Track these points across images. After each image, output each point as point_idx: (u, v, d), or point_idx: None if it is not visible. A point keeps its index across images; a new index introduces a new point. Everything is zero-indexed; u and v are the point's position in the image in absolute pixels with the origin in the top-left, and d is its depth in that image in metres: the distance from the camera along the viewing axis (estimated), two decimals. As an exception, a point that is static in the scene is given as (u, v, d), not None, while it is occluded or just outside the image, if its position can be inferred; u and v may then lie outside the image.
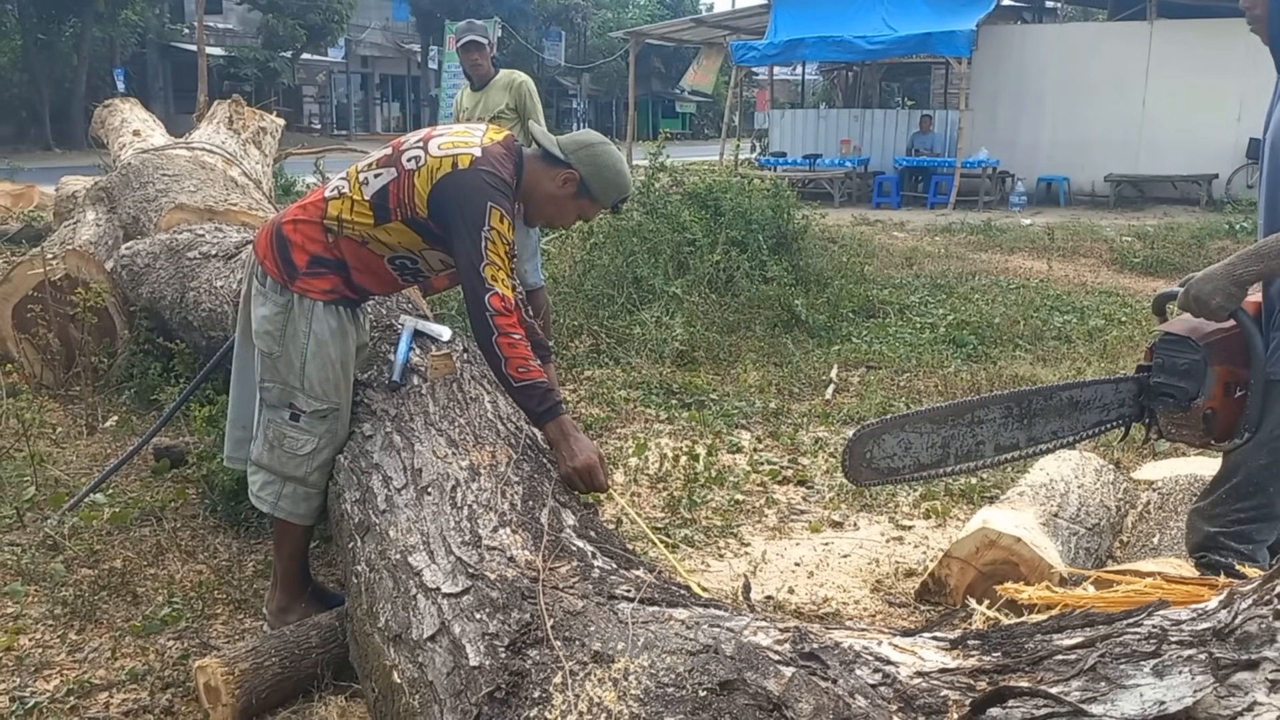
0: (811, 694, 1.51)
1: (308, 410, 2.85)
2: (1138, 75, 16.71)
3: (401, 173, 2.78)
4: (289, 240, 2.86)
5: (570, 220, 3.08)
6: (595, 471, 2.65)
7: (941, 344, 6.95)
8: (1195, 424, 2.52)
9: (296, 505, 2.93)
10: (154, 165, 6.29)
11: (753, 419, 5.40)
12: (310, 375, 2.83)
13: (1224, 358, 2.47)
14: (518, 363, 2.66)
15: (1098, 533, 3.54)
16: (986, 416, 2.55)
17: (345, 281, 2.87)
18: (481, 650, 1.98)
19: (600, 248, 7.87)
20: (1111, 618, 1.36)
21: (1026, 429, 2.59)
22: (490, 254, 2.66)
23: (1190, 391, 2.51)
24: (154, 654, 2.98)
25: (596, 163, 2.88)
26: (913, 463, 2.52)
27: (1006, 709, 1.31)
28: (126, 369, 5.32)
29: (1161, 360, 2.59)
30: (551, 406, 2.69)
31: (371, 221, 2.81)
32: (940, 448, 2.53)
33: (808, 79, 27.63)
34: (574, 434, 2.69)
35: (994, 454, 2.59)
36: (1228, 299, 2.37)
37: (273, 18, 32.79)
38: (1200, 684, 1.17)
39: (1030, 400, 2.60)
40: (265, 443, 2.91)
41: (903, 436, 2.51)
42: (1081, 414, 2.65)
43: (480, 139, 2.83)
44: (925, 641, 1.55)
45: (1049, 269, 10.20)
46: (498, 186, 2.72)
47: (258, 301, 2.90)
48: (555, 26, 47.44)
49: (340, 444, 2.91)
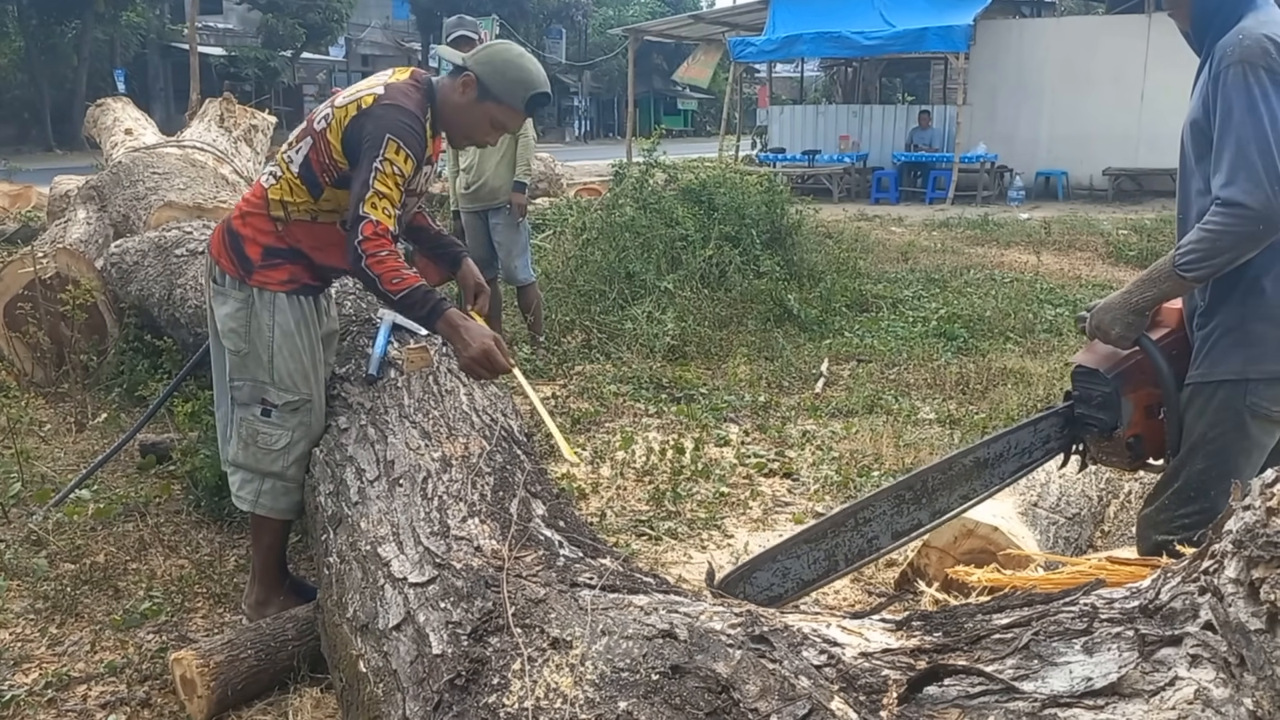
0: (758, 675, 1.52)
1: (279, 404, 2.86)
2: (1136, 69, 16.68)
3: (316, 137, 2.77)
4: (240, 235, 2.86)
5: (486, 131, 2.90)
6: (493, 355, 2.64)
7: (933, 337, 6.96)
8: (1121, 451, 2.49)
9: (277, 501, 2.95)
10: (144, 163, 6.31)
11: (741, 413, 5.41)
12: (279, 368, 2.84)
13: (1138, 384, 2.44)
14: (390, 276, 2.61)
15: (1078, 522, 3.55)
16: (874, 514, 2.38)
17: (306, 268, 2.87)
18: (444, 638, 2.00)
19: (593, 243, 7.89)
20: (1050, 597, 1.37)
21: (928, 506, 2.44)
22: (377, 184, 2.62)
23: (1109, 422, 2.47)
24: (133, 647, 3.00)
25: (493, 60, 2.79)
26: (795, 584, 2.34)
27: (942, 687, 1.32)
28: (116, 366, 5.34)
29: (1080, 392, 2.55)
30: (435, 305, 2.65)
31: (309, 196, 2.81)
32: (825, 560, 2.35)
33: (808, 75, 27.62)
34: (464, 324, 2.67)
35: (892, 540, 2.43)
36: (1127, 328, 2.36)
37: (272, 17, 32.86)
38: (1125, 660, 1.18)
39: (925, 480, 2.44)
40: (240, 441, 2.92)
41: (776, 567, 2.33)
42: (995, 468, 2.54)
43: (385, 80, 2.80)
44: (872, 623, 1.56)
45: (1039, 262, 10.19)
46: (400, 119, 2.67)
47: (218, 301, 2.89)
48: (556, 24, 47.49)
49: (315, 436, 2.92)
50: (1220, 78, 2.17)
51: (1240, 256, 2.20)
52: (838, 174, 17.92)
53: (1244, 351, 2.27)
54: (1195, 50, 2.38)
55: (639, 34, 24.06)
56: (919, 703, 1.33)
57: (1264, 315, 2.26)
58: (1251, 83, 2.12)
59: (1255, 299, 2.26)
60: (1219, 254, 2.18)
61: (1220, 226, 2.17)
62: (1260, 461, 2.33)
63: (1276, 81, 2.13)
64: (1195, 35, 2.36)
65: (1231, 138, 2.15)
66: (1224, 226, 2.16)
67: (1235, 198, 2.13)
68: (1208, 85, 2.23)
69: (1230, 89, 2.15)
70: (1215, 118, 2.20)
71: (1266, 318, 2.26)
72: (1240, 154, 2.13)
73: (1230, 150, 2.15)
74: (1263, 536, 1.04)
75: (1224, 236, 2.16)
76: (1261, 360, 2.26)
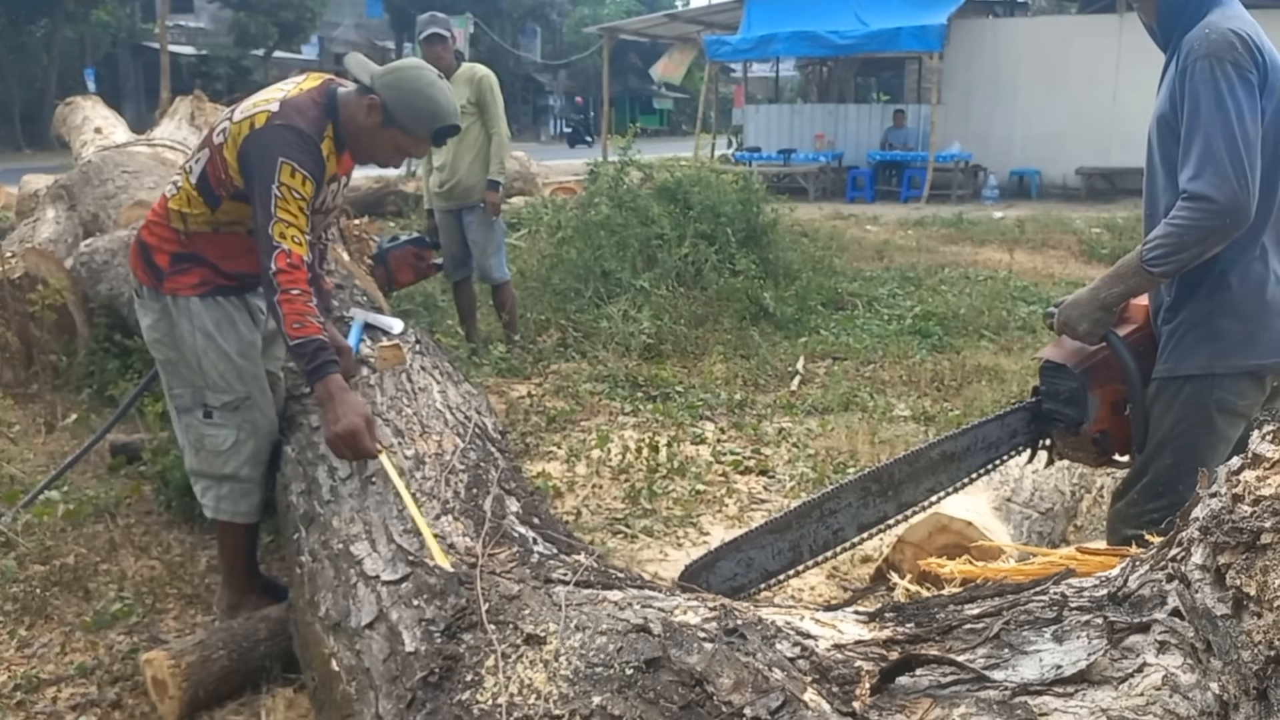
0: (732, 668, 1.53)
1: (218, 405, 2.83)
2: (1108, 68, 16.79)
3: (213, 150, 2.71)
4: (148, 245, 2.82)
5: (390, 155, 2.86)
6: (360, 436, 2.49)
7: (907, 335, 6.98)
8: (1088, 447, 2.49)
9: (236, 504, 2.92)
10: (114, 162, 6.25)
11: (717, 410, 5.42)
12: (209, 371, 2.80)
13: (1104, 379, 2.43)
14: (293, 318, 2.54)
15: (1051, 517, 3.57)
16: (840, 505, 2.37)
17: (215, 272, 2.80)
18: (418, 636, 1.99)
19: (568, 242, 7.87)
20: (1020, 587, 1.38)
21: (894, 499, 2.43)
22: (279, 211, 2.56)
23: (1075, 417, 2.47)
24: (103, 649, 2.97)
25: (400, 86, 2.71)
26: (759, 574, 2.32)
27: (914, 677, 1.32)
28: (86, 366, 5.29)
29: (1047, 387, 2.54)
30: (320, 365, 2.54)
31: (206, 208, 2.75)
32: (789, 551, 2.34)
33: (783, 74, 27.67)
34: (341, 395, 2.53)
35: (858, 533, 2.43)
36: (1094, 324, 2.36)
37: (244, 15, 32.60)
38: (1095, 647, 1.19)
39: (892, 473, 2.44)
40: (190, 448, 2.91)
41: (740, 557, 2.30)
42: (962, 462, 2.53)
43: (285, 93, 2.73)
44: (846, 615, 1.57)
45: (1013, 260, 10.25)
46: (291, 140, 2.60)
47: (140, 313, 2.87)
48: (531, 23, 47.41)
49: (266, 434, 2.90)
50: (1187, 72, 2.18)
51: (1207, 251, 2.20)
52: (813, 173, 17.96)
53: (1210, 346, 2.28)
54: (1160, 45, 2.39)
55: (614, 33, 24.05)
56: (891, 693, 1.34)
57: (1230, 310, 2.27)
58: (1218, 77, 2.13)
59: (1221, 294, 2.27)
60: (1186, 248, 2.19)
61: (1187, 221, 2.17)
62: (1226, 454, 2.34)
63: (1243, 76, 2.14)
64: (1161, 30, 2.36)
65: (1199, 132, 2.15)
66: (1191, 220, 2.16)
67: (1202, 191, 2.13)
68: (1175, 80, 2.24)
69: (1197, 83, 2.15)
70: (1182, 113, 2.20)
71: (1232, 312, 2.27)
72: (1207, 148, 2.13)
73: (1197, 144, 2.15)
74: (1228, 523, 1.05)
75: (1191, 231, 2.17)
76: (1227, 355, 2.28)
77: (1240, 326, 2.27)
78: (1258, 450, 1.07)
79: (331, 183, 2.81)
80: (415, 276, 5.84)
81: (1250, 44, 2.16)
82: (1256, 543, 1.02)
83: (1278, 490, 1.02)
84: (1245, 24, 2.21)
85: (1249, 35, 2.17)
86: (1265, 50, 2.20)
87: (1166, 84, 2.30)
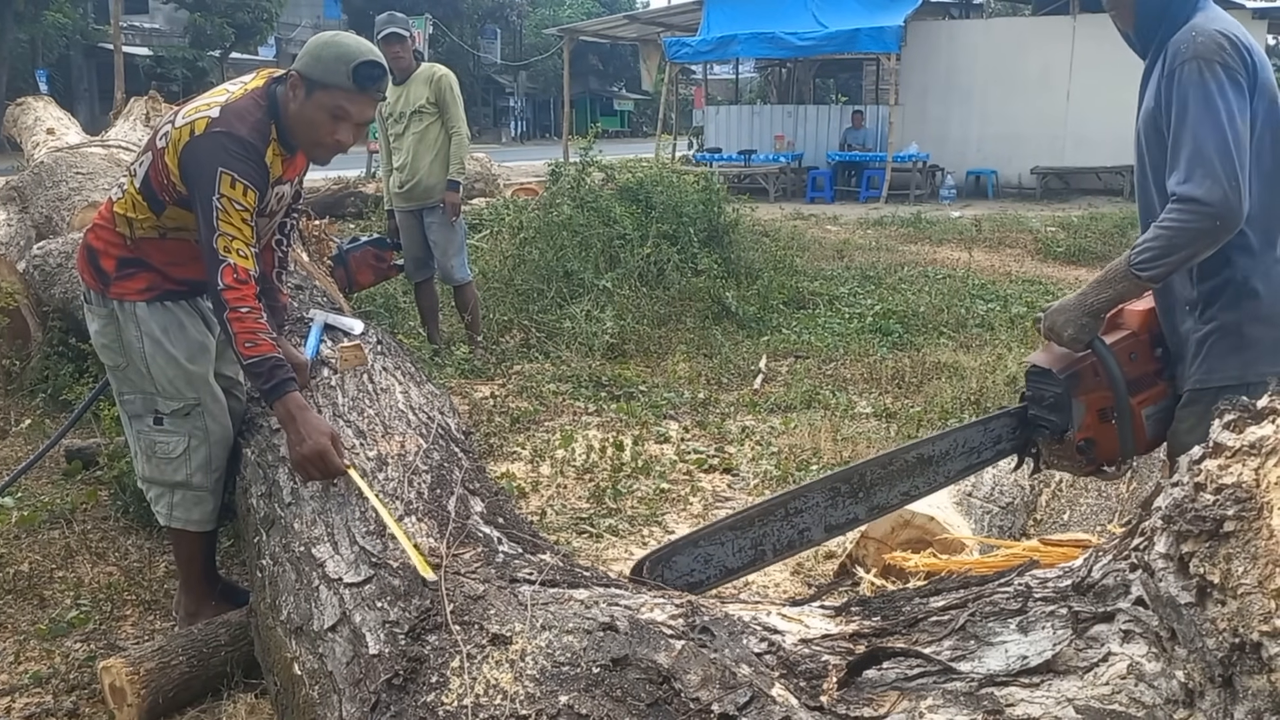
0: (699, 664, 1.52)
1: (168, 411, 2.78)
2: (1062, 70, 17.04)
3: (156, 155, 2.65)
4: (95, 249, 2.76)
5: (330, 128, 2.65)
6: (328, 456, 2.41)
7: (868, 333, 7.03)
8: (1073, 455, 2.42)
9: (189, 512, 2.87)
10: (67, 163, 6.15)
11: (681, 409, 5.42)
12: (158, 377, 2.75)
13: (1090, 386, 2.37)
14: (245, 337, 2.47)
15: (1011, 511, 3.61)
16: (806, 505, 2.27)
17: (163, 277, 2.73)
18: (381, 638, 1.97)
19: (531, 242, 7.85)
20: (985, 579, 1.38)
21: (865, 501, 2.34)
22: (222, 224, 2.49)
23: (1060, 424, 2.40)
24: (59, 657, 2.92)
25: (308, 51, 2.64)
26: (718, 571, 2.23)
27: (881, 670, 1.33)
28: (40, 371, 5.19)
29: (1032, 393, 2.48)
30: (278, 384, 2.47)
31: (151, 213, 2.69)
32: (751, 549, 2.24)
33: (743, 76, 27.79)
34: (303, 415, 2.46)
35: (825, 534, 2.34)
36: (1080, 330, 2.30)
37: (200, 16, 32.19)
38: (1060, 637, 1.20)
39: (863, 474, 2.34)
40: (142, 455, 2.85)
41: (698, 553, 2.20)
42: (940, 466, 2.44)
43: (228, 96, 2.65)
44: (812, 610, 1.57)
45: (972, 259, 10.36)
46: (231, 149, 2.53)
47: (89, 318, 2.82)
48: (491, 24, 47.23)
49: (219, 440, 2.84)
50: (1175, 75, 2.13)
51: (1197, 255, 2.16)
52: (773, 173, 18.05)
53: (1241, 355, 2.23)
54: (1139, 51, 2.34)
55: (574, 34, 24.04)
56: (859, 686, 1.34)
57: (1260, 317, 2.22)
58: (1207, 79, 2.09)
59: (1249, 301, 2.22)
60: (1175, 251, 2.14)
61: (1177, 223, 2.12)
62: None
63: (1232, 77, 2.10)
64: (1140, 36, 2.31)
65: (1188, 134, 2.11)
66: (1181, 223, 2.12)
67: (1192, 193, 2.09)
68: (1160, 84, 2.19)
69: (1186, 85, 2.11)
70: (1170, 117, 2.16)
71: (1263, 319, 2.22)
72: (1197, 150, 2.09)
73: (1187, 147, 2.11)
74: (1191, 511, 1.06)
75: (1181, 234, 2.12)
76: (1259, 363, 2.22)
77: (1271, 333, 2.22)
78: (1219, 439, 1.08)
79: (277, 186, 2.74)
80: (376, 278, 5.79)
81: (1238, 45, 2.13)
82: (1219, 531, 1.03)
83: (1240, 479, 1.03)
84: (1231, 26, 2.17)
85: (1237, 37, 2.14)
86: (1254, 51, 2.16)
87: (1153, 89, 2.25)
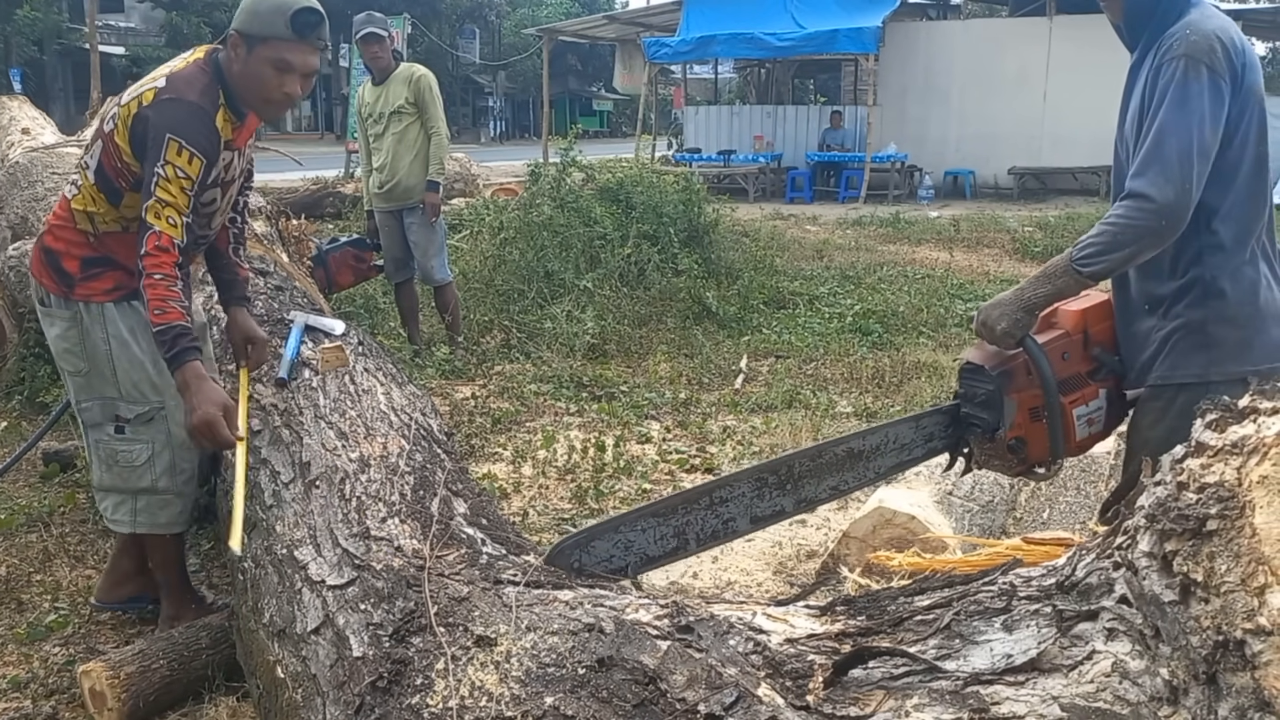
0: (685, 665, 1.53)
1: (131, 417, 2.73)
2: (1039, 70, 17.15)
3: (105, 140, 2.63)
4: (55, 251, 2.70)
5: (275, 83, 2.64)
6: (216, 425, 2.46)
7: (848, 333, 7.06)
8: (1004, 454, 2.37)
9: (156, 516, 2.83)
10: (43, 164, 6.08)
11: (662, 409, 5.42)
12: (122, 380, 2.70)
13: (1022, 385, 2.32)
14: (155, 304, 2.46)
15: (991, 509, 3.63)
16: (731, 495, 2.22)
17: (130, 275, 2.66)
18: (365, 640, 1.96)
19: (511, 243, 7.83)
20: (969, 578, 1.39)
21: (793, 493, 2.29)
22: (159, 191, 2.48)
23: (991, 422, 2.35)
24: (38, 661, 2.89)
25: (245, 8, 2.61)
26: (639, 558, 2.17)
27: (867, 669, 1.33)
28: (16, 373, 5.15)
29: (965, 390, 2.41)
30: (180, 352, 2.47)
31: (110, 205, 2.66)
32: (674, 537, 2.19)
33: (722, 76, 27.82)
34: (199, 384, 2.48)
35: (750, 525, 2.28)
36: (1014, 324, 2.24)
37: (176, 15, 31.98)
38: (1044, 636, 1.21)
39: (791, 466, 2.29)
40: (101, 464, 2.79)
41: (618, 538, 2.15)
42: (870, 461, 2.39)
43: (171, 69, 2.64)
44: (797, 610, 1.57)
45: (952, 259, 10.42)
46: (179, 115, 2.53)
47: (47, 324, 2.76)
48: (470, 24, 47.09)
49: (184, 445, 2.77)
50: (1161, 69, 2.11)
51: (1141, 254, 2.15)
52: (753, 174, 18.09)
53: (1206, 354, 2.22)
54: (1128, 45, 2.32)
55: (553, 34, 23.99)
56: (845, 686, 1.35)
57: (1225, 316, 2.21)
58: (1190, 79, 2.07)
59: (1216, 300, 2.20)
60: (1119, 248, 2.12)
61: (1123, 220, 2.11)
62: None
63: (1215, 82, 2.07)
64: (1129, 29, 2.29)
65: (1155, 130, 2.09)
66: (1127, 220, 2.10)
67: (1143, 190, 2.08)
68: (1148, 77, 2.17)
69: (1167, 81, 2.09)
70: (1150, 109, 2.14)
71: (1228, 319, 2.21)
72: (1158, 147, 2.07)
73: (1150, 142, 2.09)
74: (1174, 510, 1.07)
75: (1126, 231, 2.11)
76: (1222, 362, 2.21)
77: (1235, 333, 2.21)
78: (1201, 439, 1.09)
79: (226, 151, 2.69)
80: (355, 278, 5.77)
81: (1230, 49, 2.10)
82: (1203, 529, 1.04)
83: (1222, 477, 1.04)
84: (1225, 26, 2.15)
85: (1231, 39, 2.12)
86: (1246, 53, 2.14)
87: (1139, 90, 2.23)
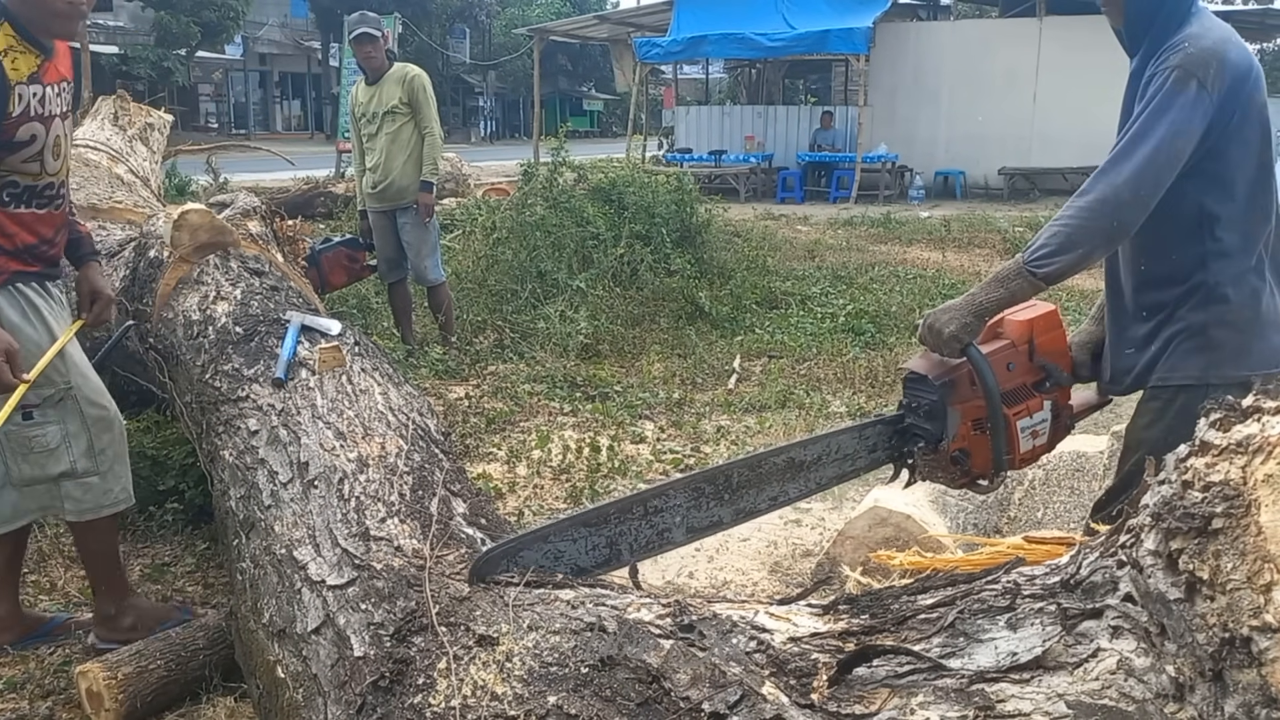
0: (689, 664, 1.53)
1: (38, 402, 2.69)
2: (1029, 71, 17.23)
3: None
4: None
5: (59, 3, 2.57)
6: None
7: (841, 333, 7.08)
8: (947, 466, 2.32)
9: (82, 499, 2.79)
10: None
11: (656, 409, 5.43)
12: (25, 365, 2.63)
13: (966, 395, 2.28)
14: None
15: (985, 509, 3.65)
16: (666, 504, 2.15)
17: (9, 256, 2.64)
18: (366, 640, 1.96)
19: (504, 243, 7.84)
20: (972, 577, 1.40)
21: (731, 503, 2.22)
22: None
23: (935, 433, 2.30)
24: (34, 662, 2.89)
25: None
26: (569, 569, 2.10)
27: (871, 668, 1.34)
28: (7, 373, 5.12)
29: (909, 400, 2.37)
30: None
31: None
32: (606, 547, 2.12)
33: (713, 76, 27.85)
34: None
35: (686, 535, 2.21)
36: (962, 329, 2.19)
37: (166, 15, 31.83)
38: (1049, 634, 1.22)
39: (729, 475, 2.22)
40: (14, 456, 2.75)
41: (547, 549, 2.08)
42: (811, 472, 2.34)
43: None
44: (800, 609, 1.58)
45: (943, 259, 10.45)
46: None
47: None
48: (460, 24, 47.06)
49: (99, 421, 2.76)
50: (1155, 77, 2.11)
51: (1092, 256, 2.12)
52: (744, 174, 18.12)
53: (1205, 356, 2.21)
54: (1128, 51, 2.30)
55: (544, 34, 24.00)
56: (849, 684, 1.35)
57: (1226, 320, 2.20)
58: (1178, 90, 2.06)
59: (1218, 305, 2.20)
60: (1072, 249, 2.09)
61: (1075, 221, 2.08)
62: None
63: (1202, 98, 2.06)
64: (1130, 35, 2.28)
65: (1130, 133, 2.09)
66: (1079, 221, 2.08)
67: (1098, 190, 2.07)
68: (1144, 85, 2.15)
69: (1155, 89, 2.08)
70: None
71: (1229, 323, 2.20)
72: (1128, 148, 2.07)
73: (1123, 143, 2.09)
74: (1180, 509, 1.08)
75: (1078, 231, 2.08)
76: (1221, 365, 2.21)
77: (1236, 337, 2.20)
78: (1205, 438, 1.10)
79: (32, 85, 2.60)
80: (349, 278, 5.76)
81: (1226, 65, 2.09)
82: (1208, 528, 1.05)
83: (1227, 476, 1.05)
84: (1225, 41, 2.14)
85: (1227, 56, 2.10)
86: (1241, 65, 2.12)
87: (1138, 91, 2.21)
